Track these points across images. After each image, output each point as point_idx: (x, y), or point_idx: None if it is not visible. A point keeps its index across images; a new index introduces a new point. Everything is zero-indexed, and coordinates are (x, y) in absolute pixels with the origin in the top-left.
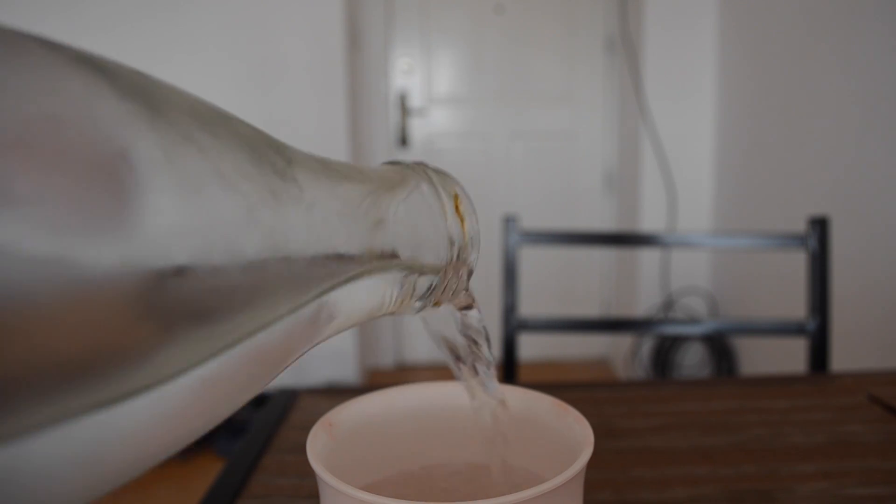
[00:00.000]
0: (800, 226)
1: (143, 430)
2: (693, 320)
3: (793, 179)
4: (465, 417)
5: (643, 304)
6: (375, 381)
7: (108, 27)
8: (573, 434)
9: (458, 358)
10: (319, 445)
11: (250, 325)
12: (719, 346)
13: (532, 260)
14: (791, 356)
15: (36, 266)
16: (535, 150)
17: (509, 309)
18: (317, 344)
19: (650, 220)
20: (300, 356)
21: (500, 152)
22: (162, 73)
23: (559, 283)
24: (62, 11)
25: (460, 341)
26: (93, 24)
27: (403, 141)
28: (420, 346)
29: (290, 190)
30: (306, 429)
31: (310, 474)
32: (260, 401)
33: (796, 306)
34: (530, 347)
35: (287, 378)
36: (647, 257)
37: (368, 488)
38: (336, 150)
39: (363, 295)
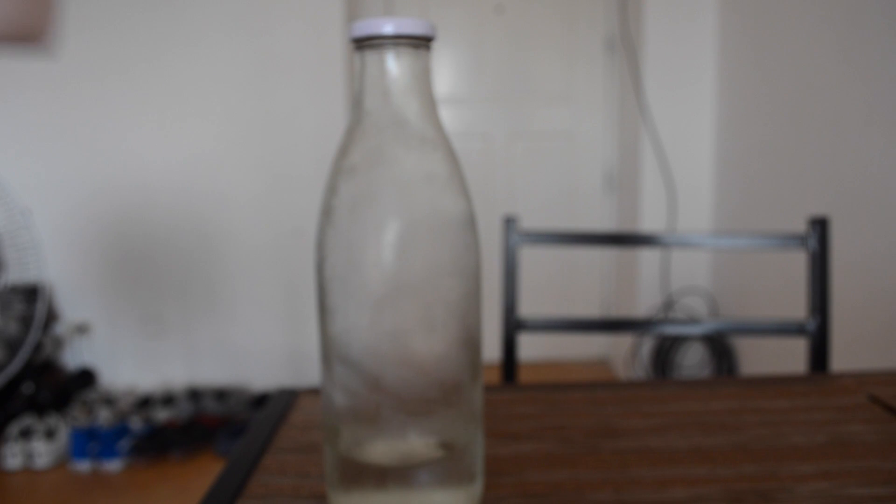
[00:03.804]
0: (800, 226)
1: None
2: (693, 320)
3: (793, 179)
4: None
5: (643, 305)
6: None
7: (109, 25)
8: None
9: None
10: None
11: None
12: (719, 346)
13: (532, 260)
14: (791, 356)
15: None
16: (535, 150)
17: (509, 309)
18: None
19: (650, 221)
20: None
21: (500, 152)
22: (163, 72)
23: (559, 284)
24: (64, 8)
25: None
26: (94, 22)
27: None
28: None
29: None
30: (306, 429)
31: (310, 474)
32: (260, 401)
33: (796, 306)
34: (530, 347)
35: (287, 378)
36: (647, 257)
37: None
38: (336, 149)
39: None
